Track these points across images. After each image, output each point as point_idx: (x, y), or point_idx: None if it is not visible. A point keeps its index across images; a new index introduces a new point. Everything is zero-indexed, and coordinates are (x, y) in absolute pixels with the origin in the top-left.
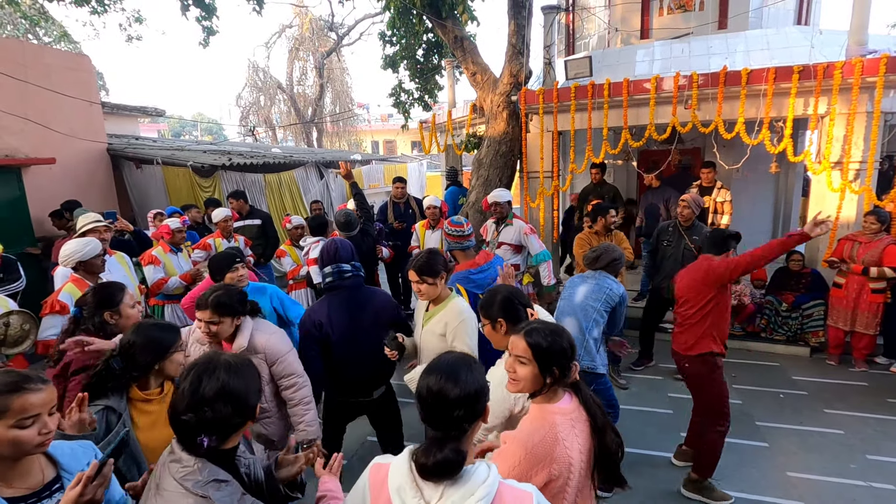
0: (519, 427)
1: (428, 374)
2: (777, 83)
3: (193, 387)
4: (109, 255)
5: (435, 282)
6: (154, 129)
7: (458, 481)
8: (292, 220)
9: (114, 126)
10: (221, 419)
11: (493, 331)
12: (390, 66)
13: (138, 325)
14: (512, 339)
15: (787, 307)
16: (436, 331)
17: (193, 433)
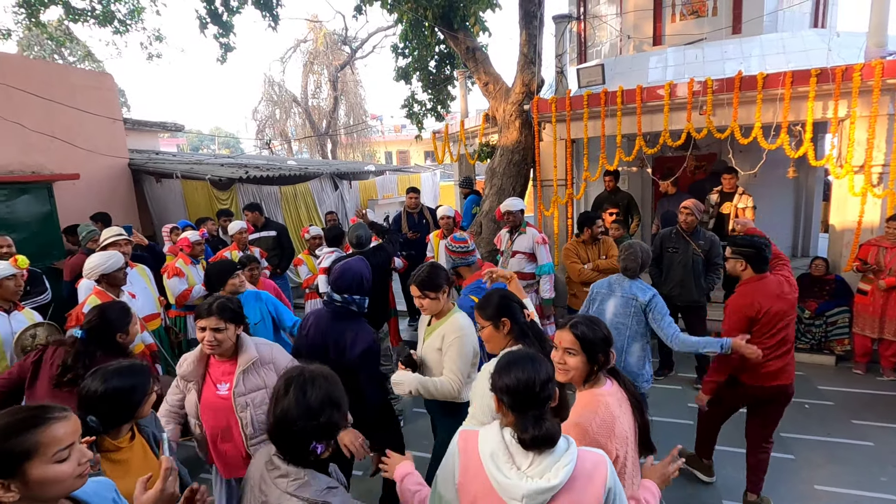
0: (575, 413)
1: (509, 368)
2: (794, 87)
3: (300, 397)
4: (131, 268)
5: (437, 296)
6: (173, 144)
7: (545, 450)
8: (310, 231)
9: (135, 141)
10: (332, 425)
11: (496, 331)
12: (403, 78)
13: (105, 374)
14: (558, 333)
15: (810, 315)
16: (434, 345)
17: (306, 442)
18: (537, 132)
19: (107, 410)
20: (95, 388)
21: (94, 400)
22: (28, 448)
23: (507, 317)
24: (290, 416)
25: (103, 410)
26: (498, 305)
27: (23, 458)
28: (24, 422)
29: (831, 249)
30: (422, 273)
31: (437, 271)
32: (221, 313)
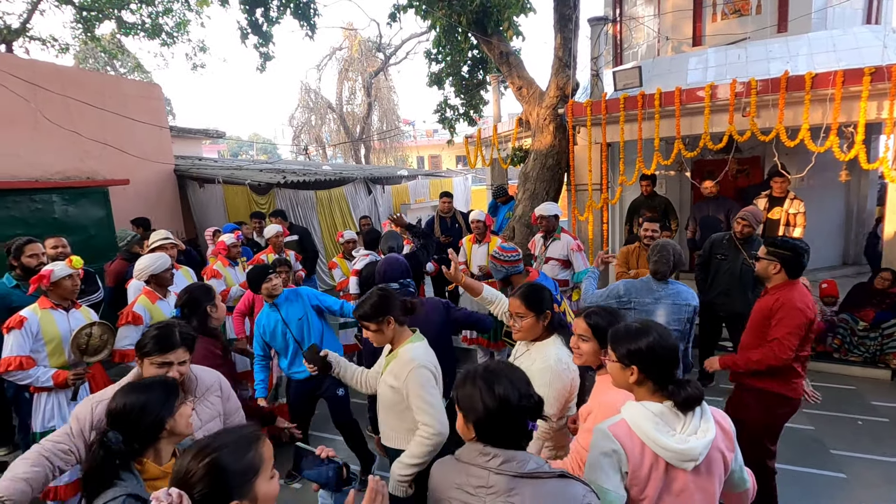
0: (607, 397)
1: (639, 335)
2: (846, 86)
3: (508, 385)
4: (176, 270)
5: (380, 328)
6: (214, 150)
7: (695, 409)
8: (344, 235)
9: (179, 148)
10: (540, 404)
11: (537, 322)
12: (436, 83)
13: (127, 386)
14: (576, 321)
15: (864, 326)
16: (387, 381)
17: (523, 423)
18: (572, 136)
19: (128, 428)
20: (115, 404)
21: (114, 417)
22: (256, 464)
23: (550, 309)
24: (510, 400)
25: (125, 428)
26: (547, 300)
27: (252, 475)
28: (250, 436)
29: (887, 257)
30: (362, 304)
31: (379, 300)
32: (186, 342)
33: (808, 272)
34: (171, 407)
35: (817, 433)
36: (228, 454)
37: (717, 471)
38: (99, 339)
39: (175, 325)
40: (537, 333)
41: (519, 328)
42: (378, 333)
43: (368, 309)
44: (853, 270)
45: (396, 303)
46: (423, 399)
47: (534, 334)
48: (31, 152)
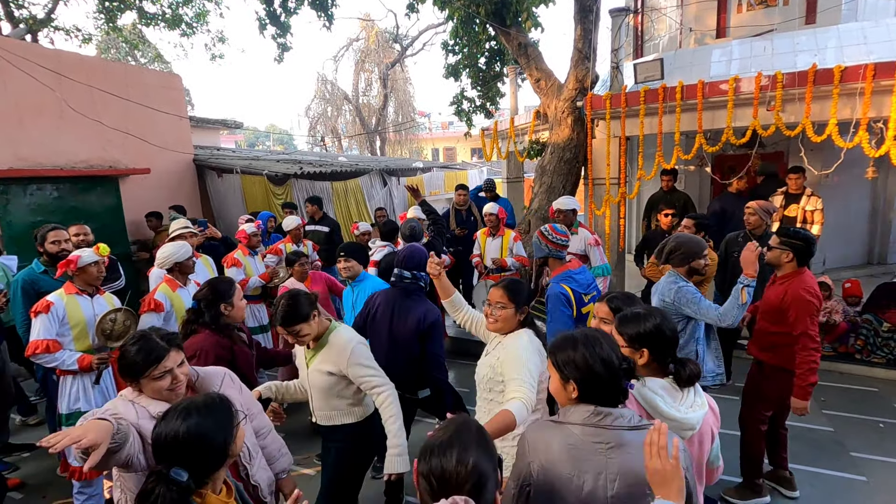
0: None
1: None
2: (877, 80)
3: (607, 348)
4: (196, 258)
5: (302, 326)
6: (232, 140)
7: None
8: (360, 227)
9: (198, 138)
10: (633, 366)
11: (515, 315)
12: (453, 75)
13: (180, 412)
14: (597, 305)
15: (889, 327)
16: (323, 368)
17: (621, 383)
18: (590, 129)
19: (192, 458)
20: (175, 431)
21: (174, 447)
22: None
23: (528, 305)
24: (612, 363)
25: (189, 459)
26: (526, 297)
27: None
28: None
29: None
30: (280, 311)
31: (294, 303)
32: (172, 343)
33: (831, 271)
34: (233, 430)
35: (837, 434)
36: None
37: (706, 445)
38: (122, 324)
39: (149, 334)
40: (512, 326)
41: (496, 318)
42: (309, 332)
43: (296, 313)
44: (878, 270)
45: (309, 299)
46: (371, 367)
47: (509, 327)
48: (56, 141)
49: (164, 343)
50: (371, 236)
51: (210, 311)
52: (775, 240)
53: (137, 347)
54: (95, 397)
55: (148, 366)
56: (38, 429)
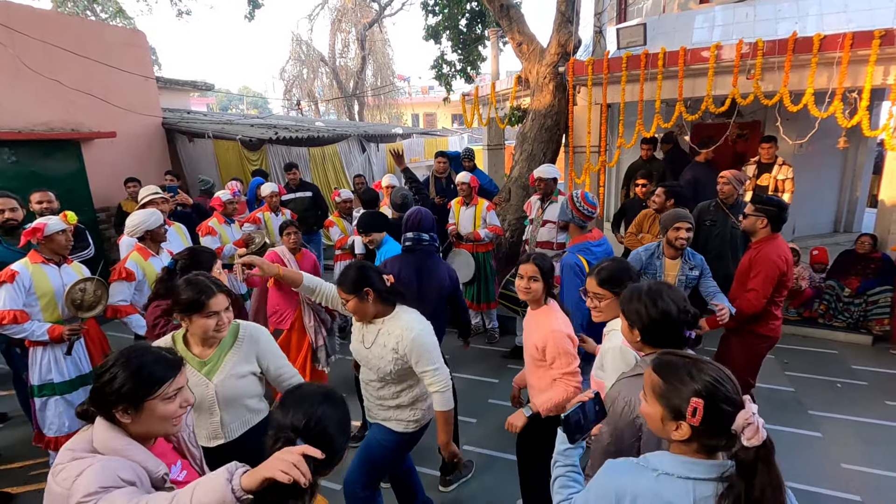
0: (556, 324)
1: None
2: (854, 50)
3: (669, 300)
4: (168, 226)
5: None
6: (203, 103)
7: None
8: (341, 194)
9: (167, 100)
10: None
11: (362, 302)
12: (432, 37)
13: (312, 396)
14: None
15: (850, 293)
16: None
17: (682, 331)
18: (572, 96)
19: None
20: (307, 419)
21: (317, 433)
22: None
23: (369, 286)
24: (671, 312)
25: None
26: (356, 279)
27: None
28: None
29: (879, 225)
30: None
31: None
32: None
33: (799, 239)
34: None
35: (797, 394)
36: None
37: None
38: (93, 294)
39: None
40: (542, 298)
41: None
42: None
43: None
44: (844, 238)
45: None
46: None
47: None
48: (13, 102)
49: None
50: (351, 203)
51: (185, 274)
52: (750, 207)
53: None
54: (68, 368)
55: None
56: (6, 400)
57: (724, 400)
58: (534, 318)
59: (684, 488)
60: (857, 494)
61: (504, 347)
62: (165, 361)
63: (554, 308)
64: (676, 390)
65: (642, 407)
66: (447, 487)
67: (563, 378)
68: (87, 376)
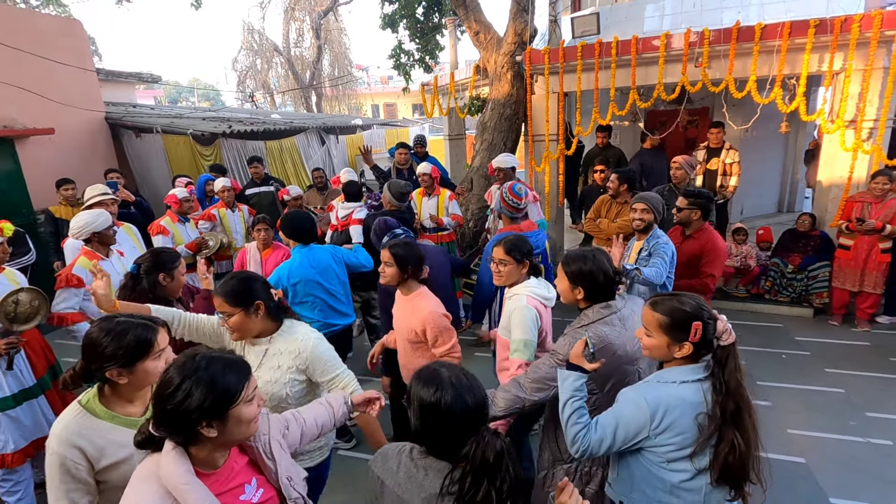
0: (429, 304)
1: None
2: (792, 38)
3: (605, 263)
4: (118, 227)
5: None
6: (150, 96)
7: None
8: (290, 192)
9: (109, 93)
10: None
11: (247, 317)
12: (389, 26)
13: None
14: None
15: (792, 269)
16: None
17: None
18: (529, 85)
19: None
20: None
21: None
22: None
23: (260, 300)
24: (608, 271)
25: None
26: (243, 290)
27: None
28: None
29: (817, 205)
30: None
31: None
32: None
33: (747, 219)
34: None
35: (748, 367)
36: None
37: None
38: (29, 305)
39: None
40: (517, 278)
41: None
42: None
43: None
44: (788, 217)
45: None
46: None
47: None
48: None
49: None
50: (301, 200)
51: (148, 279)
52: (683, 202)
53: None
54: (9, 383)
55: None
56: None
57: (709, 317)
58: (409, 303)
59: (696, 388)
60: (802, 457)
61: (471, 336)
62: (235, 364)
63: (425, 292)
64: (677, 321)
65: (646, 341)
66: None
67: (450, 354)
68: (32, 390)
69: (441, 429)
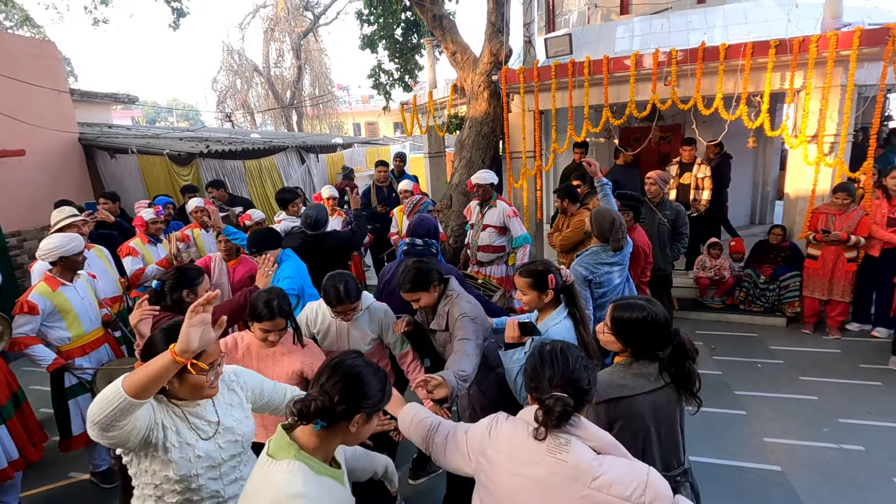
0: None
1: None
2: (754, 58)
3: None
4: (88, 250)
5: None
6: (128, 117)
7: None
8: (253, 217)
9: (85, 114)
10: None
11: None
12: (369, 47)
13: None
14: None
15: (765, 279)
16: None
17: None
18: (506, 103)
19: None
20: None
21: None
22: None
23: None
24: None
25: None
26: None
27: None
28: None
29: (786, 217)
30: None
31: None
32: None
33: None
34: None
35: (724, 377)
36: None
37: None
38: None
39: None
40: (540, 305)
41: (524, 303)
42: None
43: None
44: (759, 229)
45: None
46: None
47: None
48: None
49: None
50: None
51: (172, 295)
52: (616, 203)
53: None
54: None
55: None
56: None
57: (557, 270)
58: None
59: (567, 325)
60: (778, 465)
61: None
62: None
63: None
64: (538, 278)
65: (524, 299)
66: (416, 480)
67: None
68: None
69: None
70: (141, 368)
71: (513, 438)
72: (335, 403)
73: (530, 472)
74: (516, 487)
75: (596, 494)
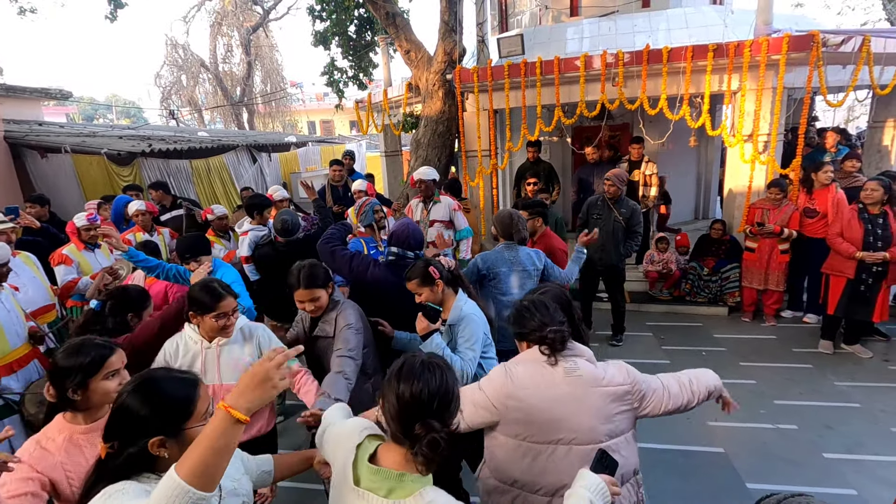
0: None
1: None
2: (695, 61)
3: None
4: (14, 257)
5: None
6: (61, 113)
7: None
8: (214, 211)
9: (11, 110)
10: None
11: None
12: (321, 43)
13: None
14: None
15: (708, 271)
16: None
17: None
18: (461, 102)
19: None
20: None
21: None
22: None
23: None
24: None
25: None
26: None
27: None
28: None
29: (725, 212)
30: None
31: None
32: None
33: (667, 227)
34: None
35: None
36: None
37: None
38: None
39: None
40: (439, 299)
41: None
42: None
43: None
44: (703, 224)
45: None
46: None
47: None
48: None
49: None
50: (227, 220)
51: (115, 319)
52: (525, 213)
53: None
54: None
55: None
56: None
57: (436, 262)
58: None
59: (472, 304)
60: (721, 447)
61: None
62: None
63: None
64: (423, 275)
65: (422, 298)
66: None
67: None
68: None
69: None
70: (195, 445)
71: (532, 374)
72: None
73: (557, 392)
74: (551, 405)
75: (607, 388)
